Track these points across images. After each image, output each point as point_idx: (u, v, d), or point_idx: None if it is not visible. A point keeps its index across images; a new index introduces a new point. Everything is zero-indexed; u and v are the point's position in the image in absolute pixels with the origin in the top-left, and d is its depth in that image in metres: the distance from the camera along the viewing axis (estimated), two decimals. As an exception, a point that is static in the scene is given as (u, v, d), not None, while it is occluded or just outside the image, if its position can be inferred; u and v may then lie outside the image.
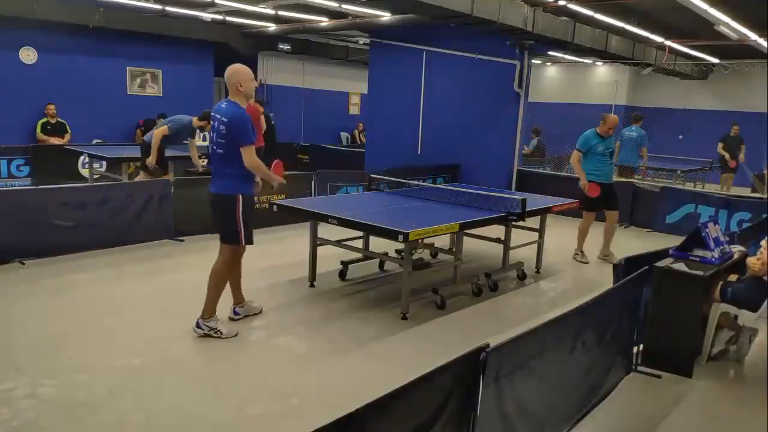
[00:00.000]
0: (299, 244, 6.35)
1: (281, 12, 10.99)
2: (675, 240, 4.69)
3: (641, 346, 4.03)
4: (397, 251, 6.05)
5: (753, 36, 10.14)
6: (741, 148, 12.21)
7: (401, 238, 4.38)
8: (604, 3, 8.82)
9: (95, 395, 3.41)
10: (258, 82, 14.71)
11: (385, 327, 4.67)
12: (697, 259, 4.18)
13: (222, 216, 4.21)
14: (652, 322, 4.03)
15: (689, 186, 11.41)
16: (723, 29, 9.28)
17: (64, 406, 3.29)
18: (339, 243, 5.57)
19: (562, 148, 12.59)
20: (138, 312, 4.67)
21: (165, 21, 11.94)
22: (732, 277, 4.29)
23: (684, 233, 4.69)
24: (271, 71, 15.18)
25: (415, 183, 7.20)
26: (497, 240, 6.20)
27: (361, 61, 14.72)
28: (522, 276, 6.16)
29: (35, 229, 5.91)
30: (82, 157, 10.19)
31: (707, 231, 4.26)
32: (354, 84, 16.92)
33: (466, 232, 5.49)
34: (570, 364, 3.06)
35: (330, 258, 5.78)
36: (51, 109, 10.92)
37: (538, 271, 6.43)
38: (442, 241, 6.52)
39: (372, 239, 5.78)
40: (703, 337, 4.12)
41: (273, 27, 12.77)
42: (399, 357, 4.19)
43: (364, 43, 13.59)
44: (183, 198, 7.00)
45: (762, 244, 4.22)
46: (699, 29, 10.00)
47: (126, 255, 6.30)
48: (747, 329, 4.27)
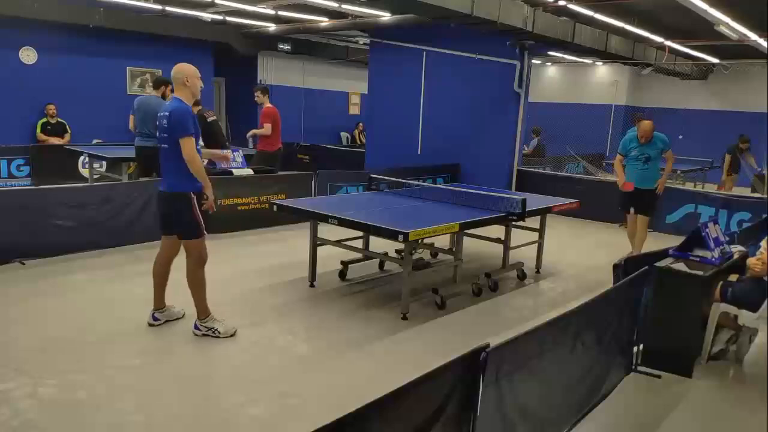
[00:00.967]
0: (299, 244, 6.35)
1: (281, 12, 10.98)
2: (675, 240, 4.69)
3: (641, 346, 4.03)
4: (397, 251, 6.05)
5: (753, 36, 10.14)
6: (746, 156, 12.22)
7: (401, 238, 4.38)
8: (604, 3, 8.82)
9: (95, 395, 3.41)
10: (258, 82, 14.75)
11: (385, 327, 4.67)
12: (697, 259, 4.19)
13: (177, 214, 4.15)
14: (652, 322, 4.03)
15: (689, 186, 11.41)
16: (723, 29, 9.28)
17: (64, 406, 3.29)
18: (339, 243, 5.57)
19: (562, 148, 12.60)
20: (138, 312, 4.66)
21: (165, 21, 11.93)
22: (732, 277, 4.29)
23: (684, 233, 4.69)
24: (271, 71, 15.18)
25: (415, 183, 7.20)
26: (497, 240, 6.20)
27: (361, 61, 14.72)
28: (522, 276, 6.16)
29: (35, 229, 5.90)
30: (82, 157, 10.19)
31: (707, 231, 4.26)
32: (354, 84, 16.92)
33: (466, 232, 5.49)
34: (570, 364, 3.06)
35: (330, 258, 5.78)
36: (51, 109, 10.92)
37: (538, 271, 6.43)
38: (442, 241, 6.52)
39: (372, 239, 5.78)
40: (703, 337, 4.12)
41: (273, 27, 12.77)
42: (399, 357, 4.19)
43: (364, 43, 13.59)
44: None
45: (762, 244, 4.23)
46: (699, 29, 10.00)
47: (126, 255, 6.30)
48: (747, 329, 4.27)
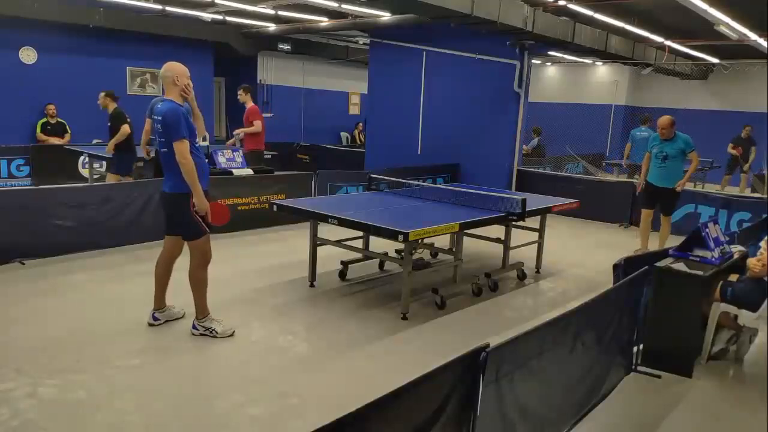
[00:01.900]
0: (299, 244, 6.35)
1: (281, 12, 10.99)
2: (675, 240, 4.69)
3: (641, 346, 4.03)
4: (397, 251, 6.05)
5: (753, 36, 10.14)
6: (752, 150, 12.30)
7: (401, 238, 4.38)
8: (604, 3, 8.82)
9: (95, 395, 3.41)
10: (258, 82, 14.76)
11: (385, 327, 4.67)
12: (697, 259, 4.18)
13: (178, 215, 4.17)
14: (652, 322, 4.03)
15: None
16: (723, 29, 9.28)
17: (64, 406, 3.29)
18: (339, 243, 5.57)
19: (562, 148, 12.60)
20: (138, 312, 4.66)
21: (165, 21, 11.94)
22: (732, 277, 4.29)
23: (684, 233, 4.69)
24: (271, 71, 15.19)
25: (415, 183, 7.21)
26: (497, 240, 6.20)
27: (361, 61, 14.72)
28: (522, 276, 6.16)
29: (35, 229, 5.91)
30: (82, 157, 10.19)
31: (707, 231, 4.26)
32: (354, 84, 16.92)
33: (466, 232, 5.49)
34: (570, 364, 3.06)
35: (330, 258, 5.78)
36: (51, 109, 10.92)
37: (538, 271, 6.43)
38: (442, 241, 6.52)
39: (372, 239, 5.78)
40: (703, 337, 4.12)
41: (273, 27, 12.77)
42: (399, 357, 4.19)
43: (364, 43, 13.59)
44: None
45: (762, 244, 4.23)
46: (699, 29, 10.00)
47: (126, 255, 6.30)
48: (747, 329, 4.27)
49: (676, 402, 3.67)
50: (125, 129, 7.72)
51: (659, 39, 11.39)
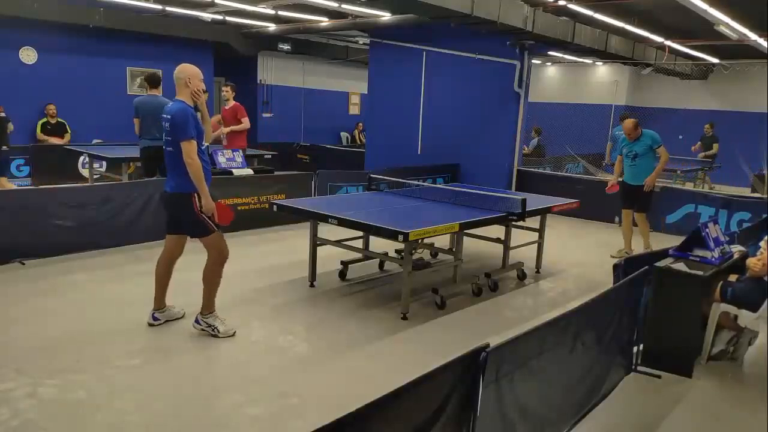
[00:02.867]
0: (299, 244, 6.35)
1: (281, 12, 10.98)
2: (675, 240, 4.69)
3: (641, 346, 4.03)
4: (397, 251, 6.05)
5: (753, 36, 10.14)
6: (714, 146, 12.86)
7: (401, 238, 4.38)
8: (604, 3, 8.82)
9: (95, 395, 3.41)
10: (258, 81, 14.76)
11: (385, 327, 4.67)
12: (697, 259, 4.18)
13: (182, 215, 4.18)
14: (652, 322, 4.03)
15: (689, 186, 11.42)
16: (723, 29, 9.28)
17: (64, 406, 3.29)
18: (339, 243, 5.57)
19: (562, 148, 12.59)
20: (138, 312, 4.66)
21: (165, 21, 11.93)
22: (732, 277, 4.29)
23: (684, 233, 4.69)
24: (271, 71, 15.18)
25: (415, 183, 7.20)
26: (497, 240, 6.19)
27: (361, 61, 14.72)
28: (522, 276, 6.16)
29: (35, 229, 5.90)
30: (82, 157, 10.19)
31: (707, 231, 4.26)
32: (354, 84, 16.92)
33: (466, 232, 5.49)
34: (570, 364, 3.06)
35: (330, 258, 5.78)
36: (51, 109, 10.91)
37: (538, 271, 6.43)
38: (442, 241, 6.52)
39: (372, 239, 5.78)
40: (703, 337, 4.12)
41: (273, 27, 12.77)
42: (399, 357, 4.19)
43: (364, 43, 13.59)
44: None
45: (762, 244, 4.22)
46: (699, 29, 10.00)
47: (126, 255, 6.30)
48: (748, 331, 4.26)
49: (676, 402, 3.67)
50: None
51: (659, 39, 11.39)
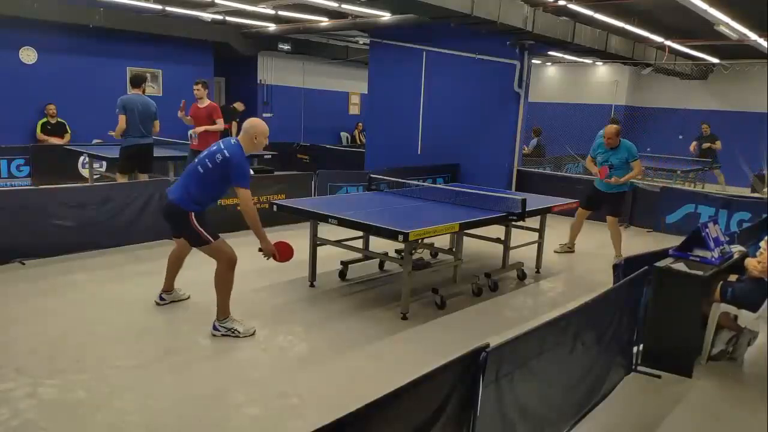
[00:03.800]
0: (299, 244, 6.33)
1: (281, 12, 10.98)
2: (675, 240, 4.69)
3: (641, 346, 4.03)
4: (397, 251, 6.05)
5: (753, 36, 10.14)
6: (716, 143, 12.81)
7: (401, 238, 4.38)
8: (604, 3, 8.82)
9: (95, 395, 3.41)
10: (258, 82, 14.78)
11: (385, 327, 4.67)
12: (697, 259, 4.18)
13: (181, 226, 4.29)
14: (652, 322, 4.03)
15: (689, 186, 11.42)
16: (723, 29, 9.28)
17: (64, 406, 3.29)
18: (339, 243, 5.57)
19: (562, 148, 12.60)
20: (138, 312, 4.67)
21: (165, 21, 11.93)
22: (732, 277, 4.29)
23: (684, 233, 4.69)
24: (271, 71, 15.18)
25: (415, 183, 7.21)
26: (497, 240, 6.19)
27: (361, 61, 14.72)
28: (522, 276, 6.16)
29: (35, 229, 5.90)
30: (82, 157, 10.19)
31: (707, 231, 4.26)
32: (354, 84, 16.92)
33: (466, 232, 5.49)
34: (570, 364, 3.06)
35: (330, 258, 5.78)
36: (51, 109, 10.91)
37: (538, 271, 6.43)
38: (442, 241, 6.52)
39: (372, 239, 5.78)
40: (703, 337, 4.12)
41: (273, 27, 12.77)
42: (399, 357, 4.19)
43: (364, 43, 13.59)
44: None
45: (762, 244, 4.22)
46: (699, 29, 10.00)
47: (126, 255, 6.30)
48: (748, 331, 4.26)
49: (676, 402, 3.67)
50: None
51: (659, 39, 11.39)
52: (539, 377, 2.76)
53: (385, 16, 10.43)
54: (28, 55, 11.06)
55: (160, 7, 10.85)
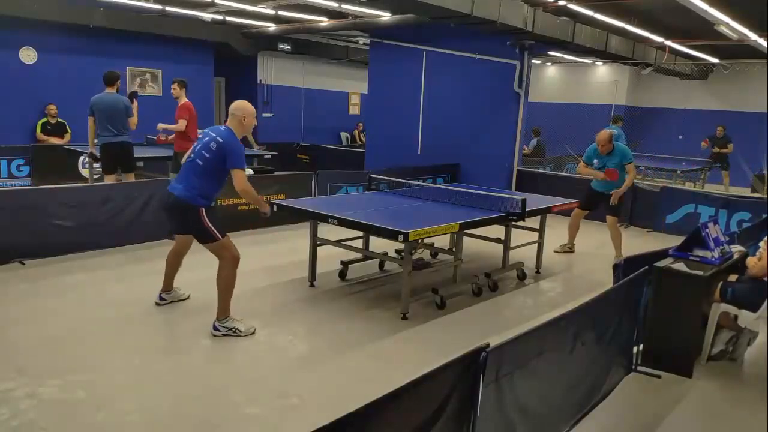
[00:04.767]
0: (299, 244, 6.35)
1: (281, 12, 10.98)
2: (675, 240, 4.69)
3: (641, 346, 4.03)
4: (397, 251, 6.05)
5: (753, 36, 10.14)
6: (728, 146, 12.65)
7: (401, 238, 4.38)
8: (604, 3, 8.82)
9: (95, 395, 3.41)
10: (258, 82, 14.77)
11: (385, 327, 4.67)
12: (697, 259, 4.18)
13: (192, 223, 4.28)
14: (652, 322, 4.03)
15: (689, 186, 11.42)
16: (723, 29, 9.28)
17: (64, 406, 3.29)
18: (339, 243, 5.57)
19: (562, 148, 12.60)
20: (138, 312, 4.67)
21: (165, 21, 11.92)
22: (732, 277, 4.29)
23: (684, 233, 4.68)
24: (271, 71, 15.18)
25: (415, 183, 7.20)
26: (497, 240, 6.19)
27: (361, 61, 14.72)
28: (522, 276, 6.16)
29: (35, 229, 5.90)
30: (82, 157, 10.18)
31: (707, 231, 4.26)
32: (354, 84, 16.92)
33: (466, 232, 5.49)
34: (570, 364, 3.06)
35: (330, 258, 5.78)
36: (52, 109, 10.91)
37: (538, 271, 6.43)
38: (442, 241, 6.52)
39: (372, 239, 5.78)
40: (703, 337, 4.12)
41: (273, 27, 12.77)
42: (399, 357, 4.19)
43: (364, 43, 13.59)
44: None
45: (762, 244, 4.22)
46: (699, 29, 10.00)
47: (126, 255, 6.30)
48: (747, 331, 4.26)
49: (676, 402, 3.67)
50: None
51: (659, 39, 11.39)
52: (539, 377, 2.76)
53: (385, 16, 10.43)
54: (28, 55, 11.06)
55: (160, 7, 10.84)
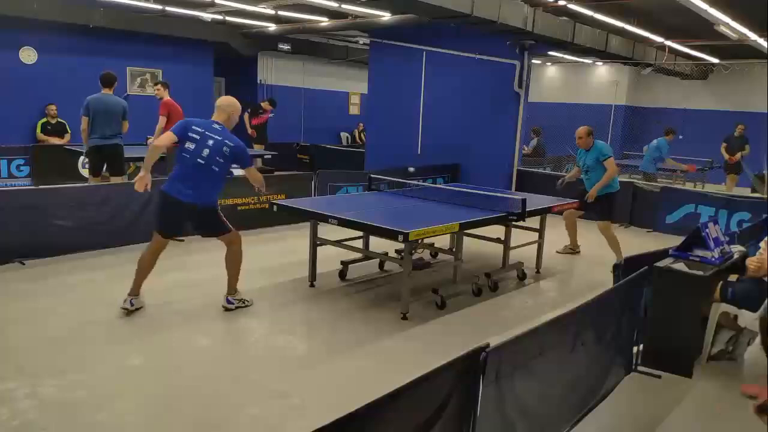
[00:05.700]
0: (299, 244, 6.35)
1: (281, 12, 10.98)
2: (675, 240, 4.68)
3: (641, 346, 4.02)
4: (397, 251, 6.05)
5: (753, 36, 10.14)
6: (745, 148, 12.36)
7: (401, 238, 4.38)
8: (604, 3, 8.82)
9: (95, 395, 3.41)
10: (258, 82, 14.78)
11: (385, 327, 4.67)
12: (697, 259, 4.18)
13: (212, 223, 4.66)
14: (652, 322, 4.02)
15: (689, 186, 11.42)
16: (723, 29, 9.28)
17: (64, 406, 3.29)
18: (339, 243, 5.57)
19: (561, 148, 12.60)
20: (138, 312, 4.66)
21: (165, 21, 11.93)
22: (732, 277, 4.29)
23: (684, 233, 4.68)
24: (271, 71, 15.19)
25: (415, 183, 7.20)
26: (497, 240, 6.19)
27: (361, 61, 14.72)
28: (522, 276, 6.16)
29: (35, 229, 5.90)
30: (82, 157, 10.16)
31: (707, 231, 4.26)
32: (354, 84, 16.92)
33: (466, 232, 5.49)
34: (570, 364, 3.06)
35: (330, 258, 5.78)
36: (52, 110, 10.92)
37: (538, 271, 6.43)
38: (442, 241, 6.52)
39: (372, 239, 5.78)
40: (703, 337, 4.12)
41: (273, 27, 12.77)
42: (399, 357, 4.19)
43: (364, 43, 13.59)
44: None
45: (762, 244, 4.22)
46: (699, 29, 10.00)
47: (126, 255, 6.28)
48: (747, 331, 4.26)
49: (676, 402, 3.67)
50: None
51: (659, 39, 11.39)
52: (539, 377, 2.76)
53: (385, 16, 10.44)
54: (28, 55, 11.06)
55: (160, 7, 10.84)
